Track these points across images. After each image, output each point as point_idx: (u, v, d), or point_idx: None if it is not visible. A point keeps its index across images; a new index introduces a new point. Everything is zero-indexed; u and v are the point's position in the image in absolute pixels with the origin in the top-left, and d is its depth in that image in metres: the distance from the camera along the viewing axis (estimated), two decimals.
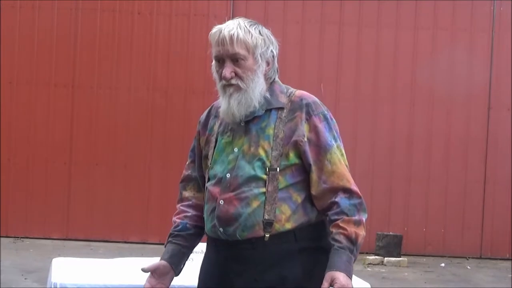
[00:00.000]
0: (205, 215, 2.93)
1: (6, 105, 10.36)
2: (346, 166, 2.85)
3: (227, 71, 2.81)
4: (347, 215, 2.77)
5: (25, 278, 7.91)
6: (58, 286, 3.98)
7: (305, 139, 2.81)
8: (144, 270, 2.99)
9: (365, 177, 10.33)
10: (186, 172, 3.08)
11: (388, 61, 10.54)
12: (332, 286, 2.68)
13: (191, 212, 3.03)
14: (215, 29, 2.84)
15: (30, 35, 10.39)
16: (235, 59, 2.80)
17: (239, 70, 2.81)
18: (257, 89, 2.82)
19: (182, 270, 3.05)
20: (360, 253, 2.86)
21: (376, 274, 9.08)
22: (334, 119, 2.89)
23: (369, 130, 10.49)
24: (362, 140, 10.41)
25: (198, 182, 3.04)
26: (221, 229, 2.83)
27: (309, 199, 2.84)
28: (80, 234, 10.36)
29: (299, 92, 2.89)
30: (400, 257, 9.80)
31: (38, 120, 10.40)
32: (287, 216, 2.80)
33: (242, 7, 10.37)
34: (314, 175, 2.81)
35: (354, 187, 2.82)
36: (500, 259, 10.42)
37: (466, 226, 10.50)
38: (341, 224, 2.76)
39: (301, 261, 2.82)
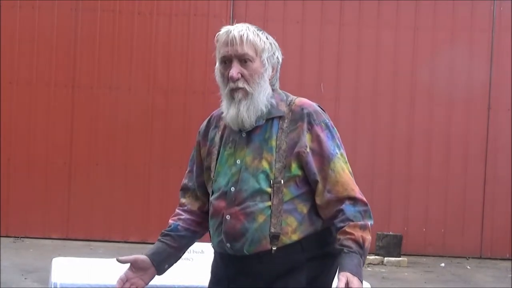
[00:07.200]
0: (211, 230, 2.90)
1: (6, 105, 10.36)
2: (350, 173, 2.82)
3: (235, 71, 2.76)
4: (353, 221, 2.74)
5: (25, 278, 7.91)
6: (58, 286, 3.98)
7: (308, 149, 2.77)
8: (119, 261, 2.92)
9: (365, 177, 10.32)
10: (184, 181, 3.08)
11: (388, 61, 10.53)
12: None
13: (185, 215, 3.01)
14: (223, 30, 2.81)
15: (30, 35, 10.39)
16: (243, 60, 2.77)
17: (246, 72, 2.77)
18: (262, 93, 2.79)
19: (167, 271, 2.98)
20: None
21: (376, 274, 9.08)
22: (335, 128, 2.86)
23: (369, 130, 10.49)
24: (362, 140, 10.40)
25: (196, 192, 3.02)
26: (228, 245, 2.80)
27: (314, 208, 2.81)
28: (80, 234, 10.35)
29: (299, 101, 2.85)
30: (400, 257, 9.80)
31: (38, 120, 10.39)
32: (293, 228, 2.77)
33: (242, 7, 10.36)
34: (319, 185, 2.78)
35: (359, 195, 2.79)
36: (500, 259, 10.42)
37: (466, 226, 10.50)
38: (348, 230, 2.72)
39: (308, 269, 2.79)
